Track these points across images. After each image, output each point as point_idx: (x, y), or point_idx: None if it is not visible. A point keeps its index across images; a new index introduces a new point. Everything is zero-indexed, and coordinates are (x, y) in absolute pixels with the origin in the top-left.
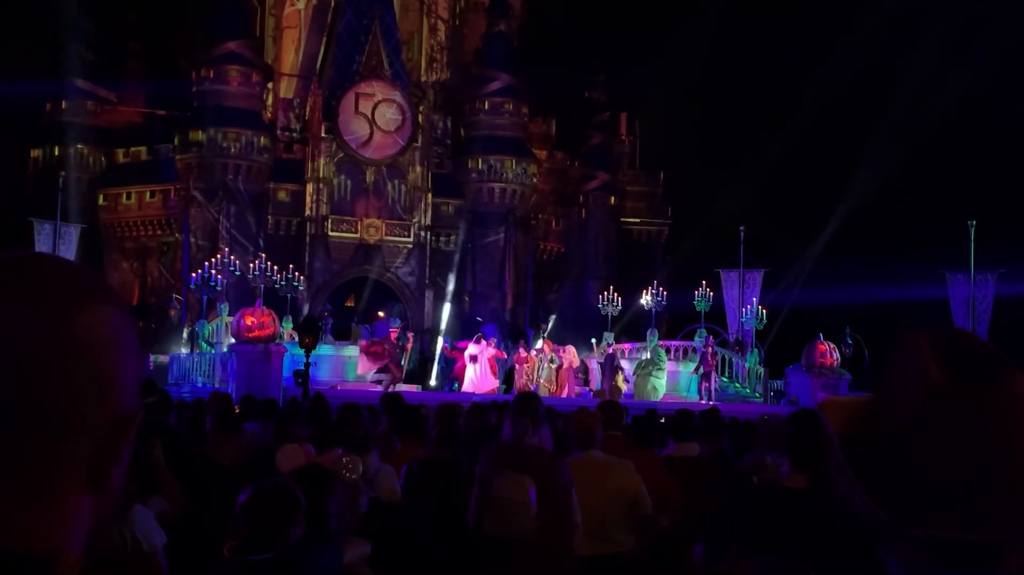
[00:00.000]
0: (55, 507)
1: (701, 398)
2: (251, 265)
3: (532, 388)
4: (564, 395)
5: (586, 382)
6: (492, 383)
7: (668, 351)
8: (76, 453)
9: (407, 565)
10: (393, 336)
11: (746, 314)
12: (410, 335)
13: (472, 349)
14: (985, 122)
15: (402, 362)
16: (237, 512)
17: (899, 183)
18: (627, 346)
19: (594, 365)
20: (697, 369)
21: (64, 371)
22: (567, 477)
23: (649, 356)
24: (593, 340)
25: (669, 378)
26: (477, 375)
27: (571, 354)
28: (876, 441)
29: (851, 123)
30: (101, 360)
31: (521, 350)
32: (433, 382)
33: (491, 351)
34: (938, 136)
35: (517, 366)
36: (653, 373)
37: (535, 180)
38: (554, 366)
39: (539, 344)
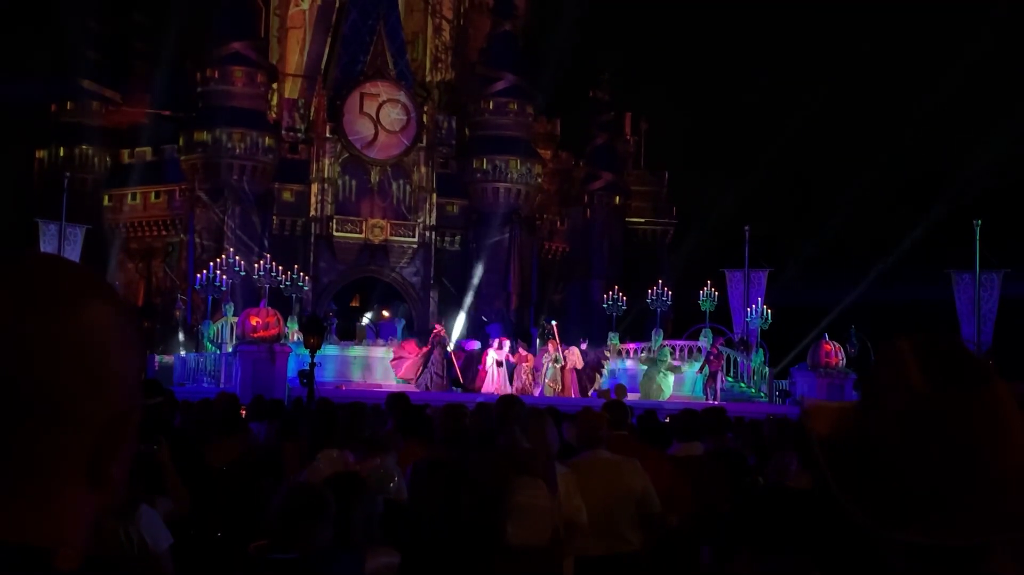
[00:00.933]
0: (55, 501)
1: (707, 398)
2: (256, 265)
3: (536, 388)
4: (573, 395)
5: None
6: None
7: (673, 351)
8: (76, 449)
9: (422, 566)
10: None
11: (751, 314)
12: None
13: (497, 354)
14: (991, 121)
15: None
16: (270, 512)
17: (905, 182)
18: (632, 346)
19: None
20: (701, 369)
21: (64, 368)
22: (556, 480)
23: (650, 355)
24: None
25: (673, 377)
26: (504, 378)
27: (574, 355)
28: (860, 446)
29: (857, 122)
30: (100, 357)
31: (521, 349)
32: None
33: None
34: (944, 135)
35: (517, 366)
36: (660, 372)
37: (540, 180)
38: (558, 366)
39: (538, 343)
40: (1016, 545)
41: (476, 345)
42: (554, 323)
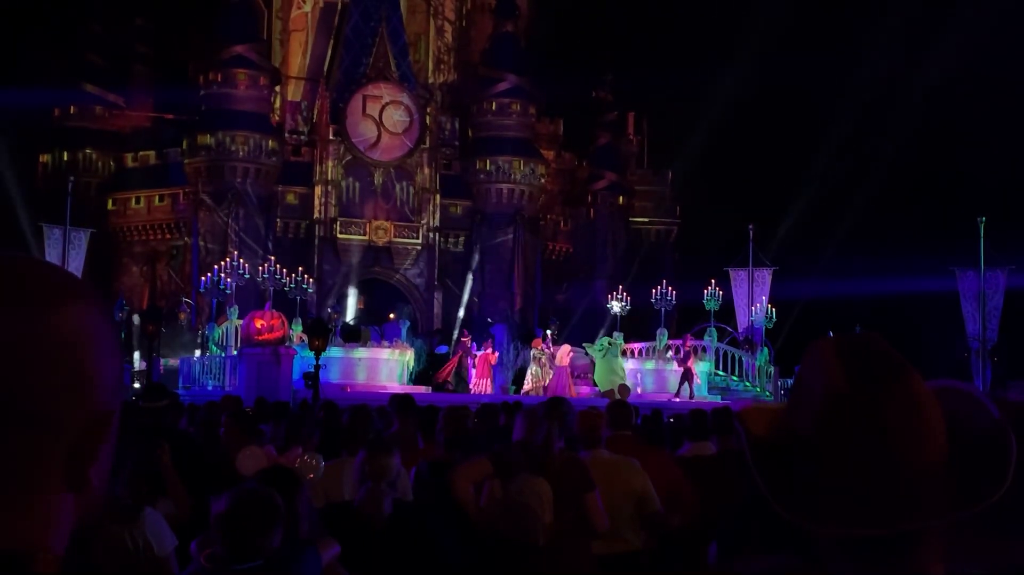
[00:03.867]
0: (33, 505)
1: (678, 396)
2: (260, 268)
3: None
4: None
5: (595, 382)
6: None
7: (677, 350)
8: (54, 451)
9: (428, 566)
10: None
11: (755, 312)
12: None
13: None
14: (995, 117)
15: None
16: (216, 520)
17: (909, 179)
18: (636, 346)
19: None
20: (681, 364)
21: (41, 369)
22: (589, 480)
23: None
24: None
25: (678, 377)
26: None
27: (562, 353)
28: (787, 445)
29: (861, 120)
30: (78, 359)
31: (487, 348)
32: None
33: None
34: (948, 132)
35: (479, 366)
36: (611, 360)
37: (543, 180)
38: (544, 364)
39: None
40: (948, 535)
41: (445, 348)
42: (551, 328)
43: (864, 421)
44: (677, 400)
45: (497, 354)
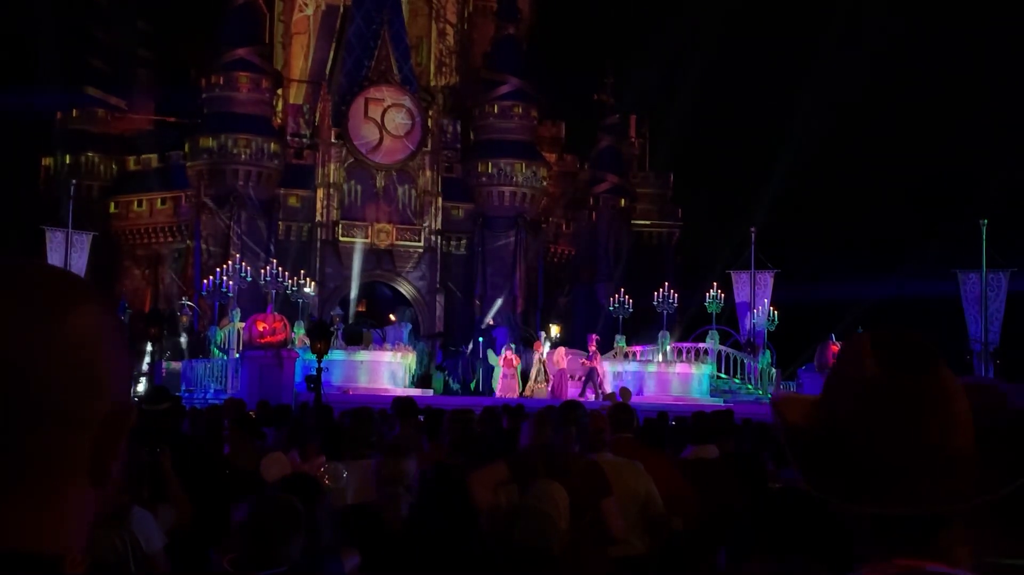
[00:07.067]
0: (60, 503)
1: (583, 396)
2: (262, 271)
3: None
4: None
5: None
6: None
7: (680, 353)
8: (76, 449)
9: (429, 569)
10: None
11: (757, 315)
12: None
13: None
14: (997, 120)
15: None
16: (239, 527)
17: (910, 182)
18: (638, 348)
19: (605, 368)
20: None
21: (58, 369)
22: (607, 486)
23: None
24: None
25: (681, 380)
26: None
27: (558, 356)
28: (824, 432)
29: (862, 122)
30: (92, 358)
31: (508, 352)
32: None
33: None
34: (949, 134)
35: (503, 369)
36: None
37: (545, 183)
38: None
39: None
40: (973, 519)
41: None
42: (548, 331)
43: (898, 409)
44: (590, 398)
45: (512, 354)
